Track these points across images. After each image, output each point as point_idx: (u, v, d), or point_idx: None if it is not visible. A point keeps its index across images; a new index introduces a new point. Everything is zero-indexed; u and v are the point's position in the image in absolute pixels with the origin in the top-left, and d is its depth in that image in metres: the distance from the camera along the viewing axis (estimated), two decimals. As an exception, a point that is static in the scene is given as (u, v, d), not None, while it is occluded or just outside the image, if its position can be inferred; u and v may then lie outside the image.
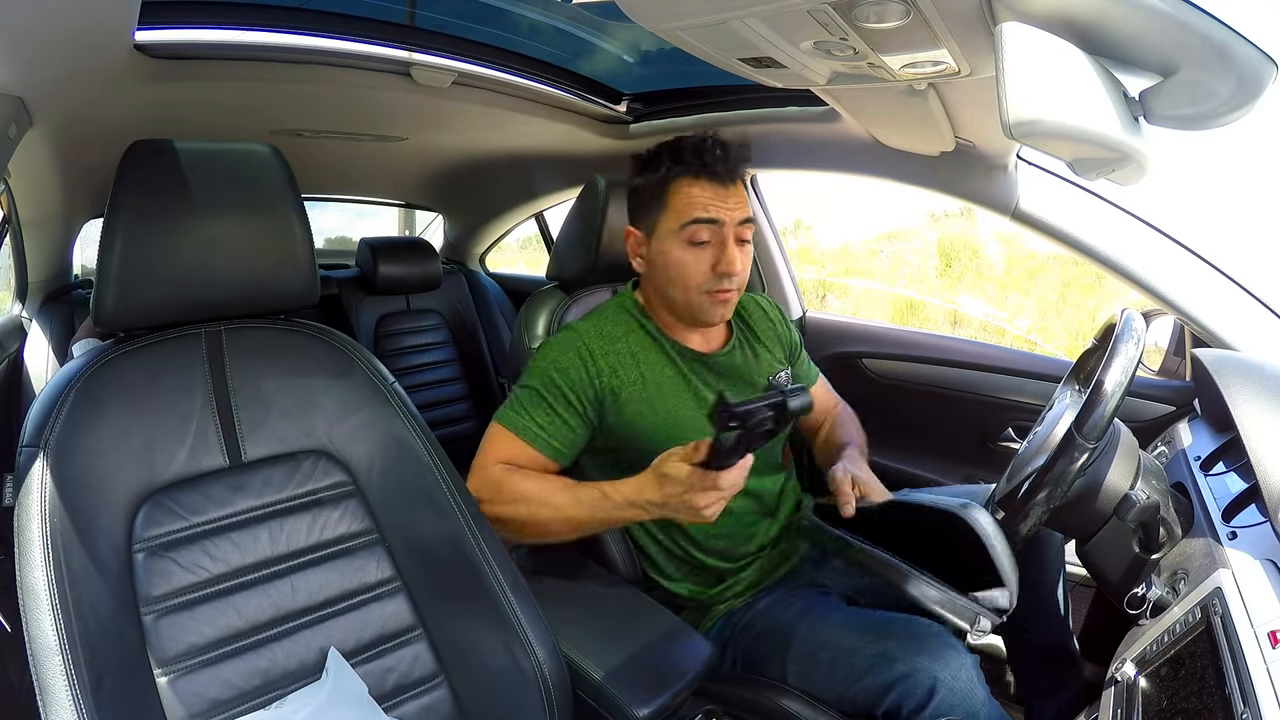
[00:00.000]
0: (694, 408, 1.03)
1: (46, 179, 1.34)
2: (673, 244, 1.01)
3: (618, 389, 1.00)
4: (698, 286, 1.00)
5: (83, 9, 0.74)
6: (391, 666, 0.85)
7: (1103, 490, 0.77)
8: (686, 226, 0.99)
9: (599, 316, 1.08)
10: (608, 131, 1.73)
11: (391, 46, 1.29)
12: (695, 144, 0.99)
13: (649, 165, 1.04)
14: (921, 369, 1.59)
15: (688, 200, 0.99)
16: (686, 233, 0.99)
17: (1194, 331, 1.19)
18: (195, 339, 0.86)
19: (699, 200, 0.98)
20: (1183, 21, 0.56)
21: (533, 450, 0.97)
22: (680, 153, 1.00)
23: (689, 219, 0.98)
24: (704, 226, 0.99)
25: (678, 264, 1.00)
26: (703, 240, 0.99)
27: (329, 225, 3.46)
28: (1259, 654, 0.55)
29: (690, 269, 1.00)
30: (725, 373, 1.08)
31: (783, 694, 0.92)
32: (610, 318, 1.07)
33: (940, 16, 0.69)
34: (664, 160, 1.01)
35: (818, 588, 1.07)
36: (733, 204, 0.99)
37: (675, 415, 1.02)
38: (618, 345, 1.03)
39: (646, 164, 1.05)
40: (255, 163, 0.86)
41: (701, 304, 1.02)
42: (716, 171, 0.98)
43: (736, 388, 1.08)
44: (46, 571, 0.64)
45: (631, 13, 0.80)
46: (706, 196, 0.98)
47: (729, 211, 0.99)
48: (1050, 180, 1.25)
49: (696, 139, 1.00)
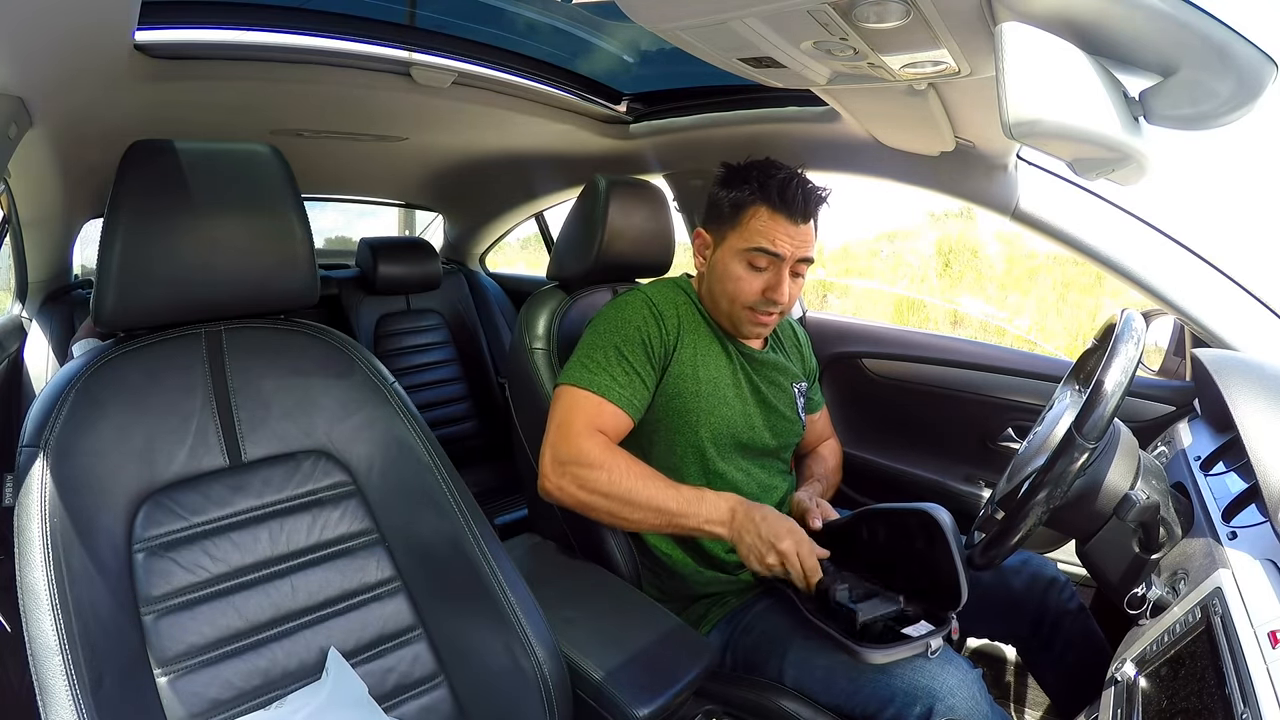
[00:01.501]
0: (730, 386, 1.09)
1: (46, 179, 1.34)
2: (734, 260, 1.06)
3: (678, 348, 1.06)
4: (745, 303, 1.06)
5: (83, 9, 0.73)
6: (391, 666, 0.85)
7: (1103, 490, 0.77)
8: (751, 251, 1.04)
9: (662, 285, 1.14)
10: (608, 131, 1.73)
11: (391, 46, 1.29)
12: (784, 179, 1.03)
13: (734, 180, 1.07)
14: (921, 369, 1.59)
15: (760, 229, 1.03)
16: (750, 256, 1.04)
17: (1194, 331, 1.19)
18: (195, 339, 0.86)
19: (770, 232, 1.03)
20: (1183, 21, 0.56)
21: (614, 407, 1.00)
22: (768, 182, 1.03)
23: (756, 246, 1.03)
24: (766, 256, 1.03)
25: (734, 279, 1.06)
26: (761, 266, 1.04)
27: (329, 225, 3.46)
28: (1259, 654, 0.55)
29: (744, 286, 1.05)
30: (764, 369, 1.14)
31: (782, 694, 0.92)
32: (671, 290, 1.13)
33: (940, 16, 0.69)
34: (751, 183, 1.05)
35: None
36: (799, 242, 1.04)
37: (715, 383, 1.07)
38: (680, 311, 1.09)
39: (732, 178, 1.08)
40: (255, 163, 0.86)
41: (744, 318, 1.07)
42: (794, 210, 1.02)
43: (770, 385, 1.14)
44: (46, 571, 0.64)
45: (631, 13, 0.80)
46: (778, 231, 1.03)
47: (793, 248, 1.04)
48: (1050, 180, 1.25)
49: (788, 174, 1.04)
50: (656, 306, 1.06)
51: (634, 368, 1.02)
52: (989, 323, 6.40)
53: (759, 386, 1.12)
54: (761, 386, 1.12)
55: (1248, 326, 1.11)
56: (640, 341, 1.03)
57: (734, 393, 1.09)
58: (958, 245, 8.10)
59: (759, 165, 1.07)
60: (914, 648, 0.81)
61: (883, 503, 0.98)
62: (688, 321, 1.09)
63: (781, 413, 1.14)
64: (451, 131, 1.78)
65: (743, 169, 1.08)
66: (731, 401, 1.08)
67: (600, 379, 1.00)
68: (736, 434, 1.07)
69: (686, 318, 1.10)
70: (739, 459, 1.09)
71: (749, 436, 1.09)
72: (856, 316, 4.18)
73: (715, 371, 1.08)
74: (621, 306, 1.07)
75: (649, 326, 1.04)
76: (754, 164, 1.08)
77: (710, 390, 1.06)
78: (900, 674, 0.83)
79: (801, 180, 1.04)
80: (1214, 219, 1.60)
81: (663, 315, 1.06)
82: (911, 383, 1.60)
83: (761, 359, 1.14)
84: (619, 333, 1.03)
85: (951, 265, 8.01)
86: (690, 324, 1.10)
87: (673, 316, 1.07)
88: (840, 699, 0.88)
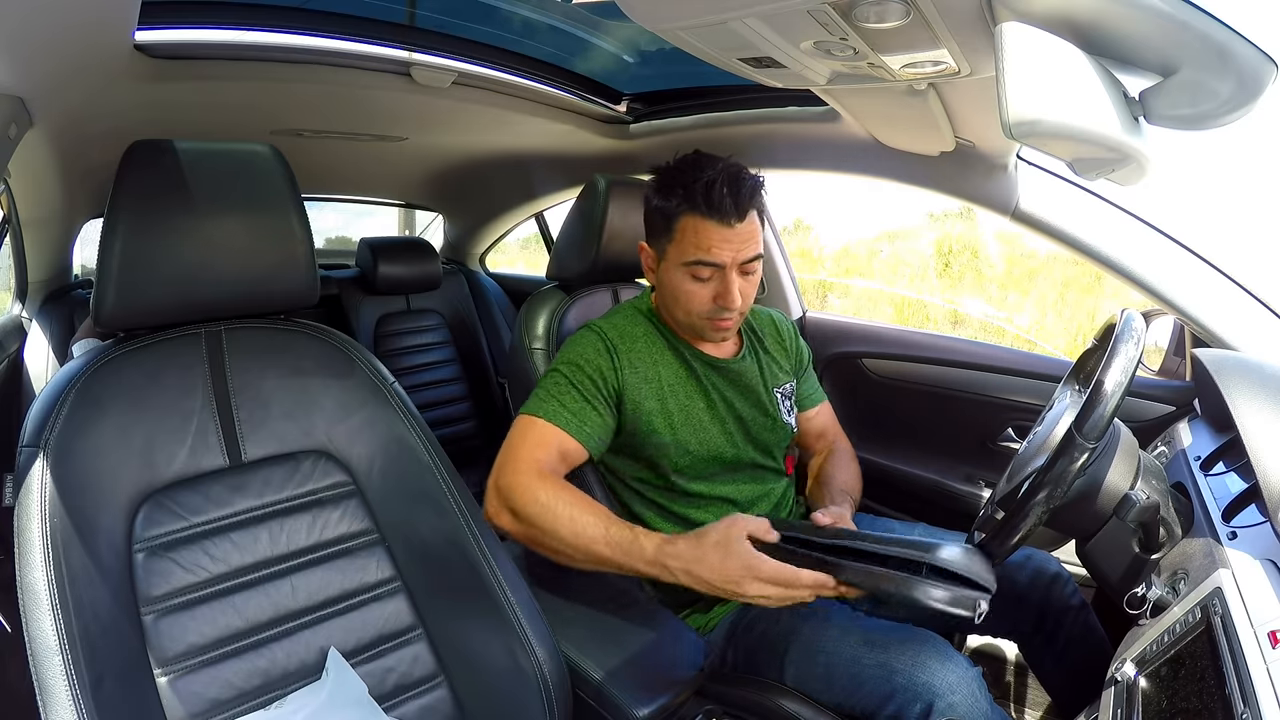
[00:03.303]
0: (704, 409, 1.06)
1: (46, 179, 1.34)
2: (677, 274, 1.03)
3: (635, 384, 1.03)
4: (699, 314, 1.03)
5: (83, 9, 0.73)
6: (391, 666, 0.85)
7: (1103, 490, 0.77)
8: (690, 265, 1.00)
9: (618, 316, 1.11)
10: (608, 131, 1.73)
11: (391, 46, 1.29)
12: (706, 185, 0.98)
13: (663, 189, 1.03)
14: (921, 369, 1.59)
15: (694, 239, 0.99)
16: (690, 269, 1.01)
17: (1194, 331, 1.19)
18: (195, 339, 0.86)
19: (704, 242, 0.98)
20: (1183, 21, 0.56)
21: (564, 434, 0.97)
22: (693, 188, 0.98)
23: (693, 259, 1.00)
24: (707, 267, 1.00)
25: (683, 293, 1.03)
26: (705, 277, 1.01)
27: (329, 225, 3.46)
28: (1259, 654, 0.54)
29: (694, 298, 1.02)
30: (735, 378, 1.10)
31: (783, 694, 0.92)
32: (629, 318, 1.10)
33: (940, 16, 0.69)
34: (677, 191, 1.00)
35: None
36: (738, 245, 0.99)
37: (687, 413, 1.05)
38: (637, 344, 1.06)
39: (661, 187, 1.03)
40: (255, 163, 0.86)
41: (703, 327, 1.05)
42: (724, 213, 0.97)
43: (744, 395, 1.10)
44: (47, 571, 0.64)
45: (631, 13, 0.80)
46: (712, 239, 0.98)
47: (733, 253, 0.99)
48: (1050, 180, 1.25)
49: (708, 180, 0.97)
50: (609, 341, 1.04)
51: (584, 396, 0.99)
52: (989, 323, 6.40)
53: (733, 402, 1.09)
54: (736, 401, 1.09)
55: (1248, 326, 1.11)
56: (590, 375, 1.00)
57: (709, 416, 1.06)
58: (958, 245, 8.11)
59: (685, 167, 1.01)
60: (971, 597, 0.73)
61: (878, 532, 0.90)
62: (647, 349, 1.06)
63: (762, 422, 1.10)
64: (451, 131, 1.78)
65: (669, 173, 1.02)
66: (707, 425, 1.05)
67: (549, 405, 0.98)
68: (720, 455, 1.05)
69: (647, 345, 1.07)
70: (727, 477, 1.08)
71: (732, 454, 1.07)
72: (856, 316, 4.17)
73: (686, 399, 1.05)
74: (572, 343, 1.05)
75: (599, 360, 1.01)
76: (680, 165, 1.01)
77: (683, 420, 1.04)
78: (900, 671, 0.83)
79: (728, 177, 0.97)
80: (1214, 219, 1.60)
81: (615, 350, 1.03)
82: (911, 383, 1.60)
83: (734, 370, 1.10)
84: (571, 364, 1.01)
85: (951, 265, 8.02)
86: (655, 351, 1.07)
87: (627, 351, 1.04)
88: (841, 697, 0.88)
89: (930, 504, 1.51)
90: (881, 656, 0.86)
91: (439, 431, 0.95)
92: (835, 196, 8.41)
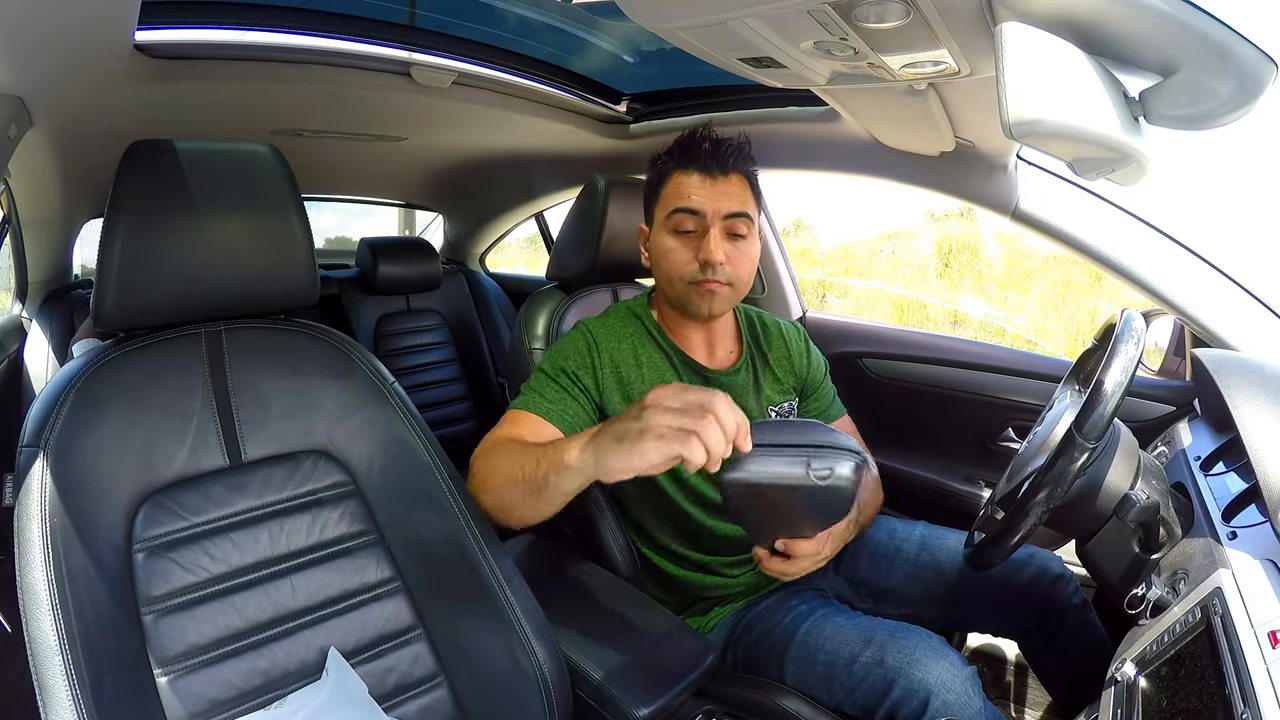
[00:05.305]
0: None
1: (46, 179, 1.34)
2: (662, 234, 1.04)
3: (616, 382, 1.03)
4: (682, 276, 1.02)
5: (83, 8, 0.74)
6: (391, 666, 0.85)
7: (1103, 490, 0.77)
8: (672, 215, 1.02)
9: (609, 316, 1.11)
10: (608, 131, 1.73)
11: (391, 46, 1.29)
12: (687, 138, 1.03)
13: (654, 162, 1.08)
14: (921, 369, 1.59)
15: (675, 190, 1.02)
16: (673, 221, 1.02)
17: (1194, 331, 1.19)
18: (195, 339, 0.86)
19: (684, 190, 1.01)
20: (1183, 21, 0.56)
21: (541, 419, 0.96)
22: (674, 147, 1.04)
23: (674, 208, 1.01)
24: (688, 216, 1.01)
25: (666, 252, 1.03)
26: (688, 230, 1.01)
27: (329, 225, 3.47)
28: (1259, 654, 0.54)
29: (676, 256, 1.02)
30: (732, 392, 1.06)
31: (783, 694, 0.92)
32: (620, 319, 1.10)
33: (940, 16, 0.69)
34: (663, 158, 1.06)
35: (816, 590, 1.08)
36: (718, 194, 1.00)
37: None
38: (624, 344, 1.06)
39: (653, 161, 1.08)
40: (255, 163, 0.86)
41: (688, 294, 1.03)
42: (704, 163, 1.00)
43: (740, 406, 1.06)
44: (46, 571, 0.64)
45: (631, 13, 0.80)
46: (691, 187, 1.01)
47: (713, 202, 1.00)
48: (1050, 180, 1.25)
49: (689, 133, 1.03)
50: (594, 338, 1.05)
51: (563, 389, 1.00)
52: (989, 323, 6.41)
53: None
54: None
55: (1248, 326, 1.11)
56: (568, 369, 1.01)
57: None
58: (957, 245, 8.11)
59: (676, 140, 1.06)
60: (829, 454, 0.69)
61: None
62: (632, 350, 1.06)
63: None
64: (451, 131, 1.78)
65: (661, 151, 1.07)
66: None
67: (529, 398, 0.99)
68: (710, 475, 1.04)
69: (639, 346, 1.06)
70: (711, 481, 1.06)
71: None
72: (856, 316, 4.17)
73: None
74: (561, 340, 1.06)
75: (579, 356, 1.02)
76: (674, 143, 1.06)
77: None
78: (897, 669, 0.84)
79: (707, 133, 1.01)
80: (1214, 219, 1.60)
81: (598, 347, 1.04)
82: (911, 383, 1.60)
83: (722, 383, 1.07)
84: (551, 362, 1.03)
85: (951, 265, 8.02)
86: (642, 353, 1.06)
87: (611, 350, 1.04)
88: (840, 696, 0.88)
89: (930, 504, 1.51)
90: (879, 655, 0.86)
91: (439, 431, 0.95)
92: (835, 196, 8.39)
